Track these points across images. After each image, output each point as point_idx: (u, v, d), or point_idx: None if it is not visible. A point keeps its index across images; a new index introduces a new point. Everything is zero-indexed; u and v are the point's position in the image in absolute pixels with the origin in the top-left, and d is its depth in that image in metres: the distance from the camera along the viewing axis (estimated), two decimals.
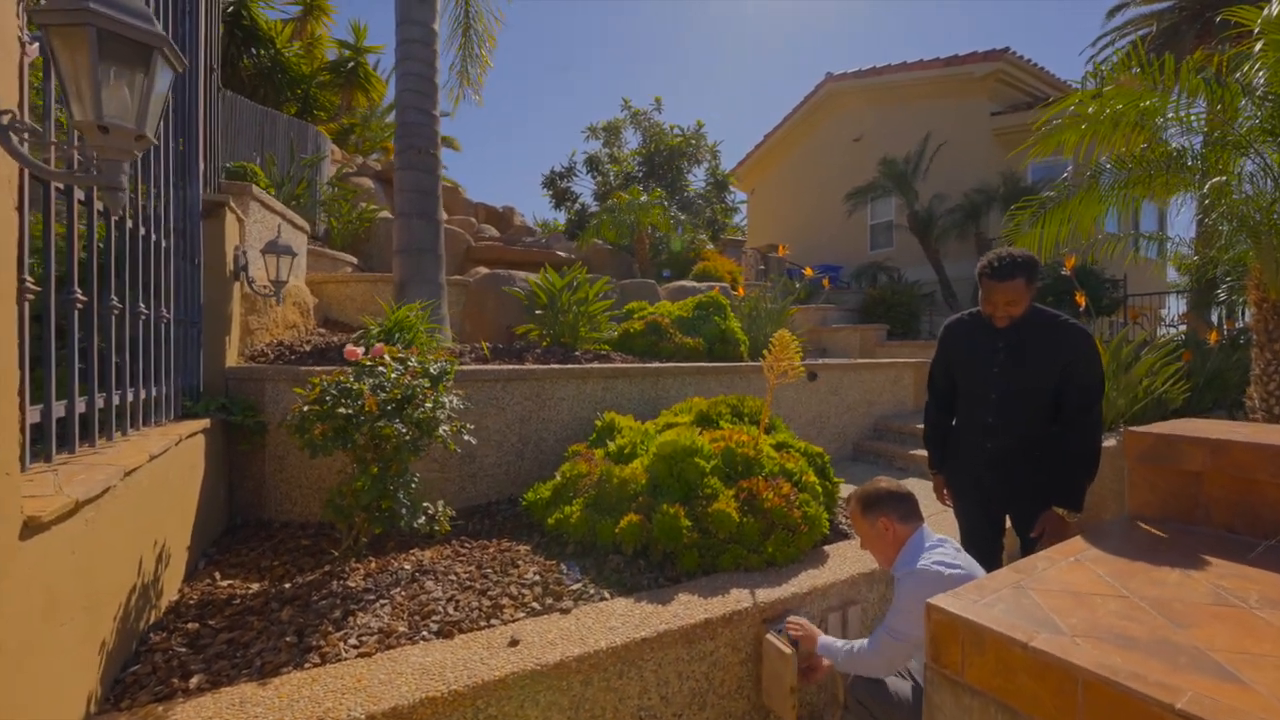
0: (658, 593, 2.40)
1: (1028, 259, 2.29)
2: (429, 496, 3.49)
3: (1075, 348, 2.24)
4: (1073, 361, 2.24)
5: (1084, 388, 2.25)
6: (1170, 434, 1.60)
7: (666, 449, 2.95)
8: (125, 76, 1.16)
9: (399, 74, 4.46)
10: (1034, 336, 2.32)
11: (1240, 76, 3.47)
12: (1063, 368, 2.25)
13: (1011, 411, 2.37)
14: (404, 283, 4.41)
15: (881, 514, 2.06)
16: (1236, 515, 1.51)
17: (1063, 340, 2.27)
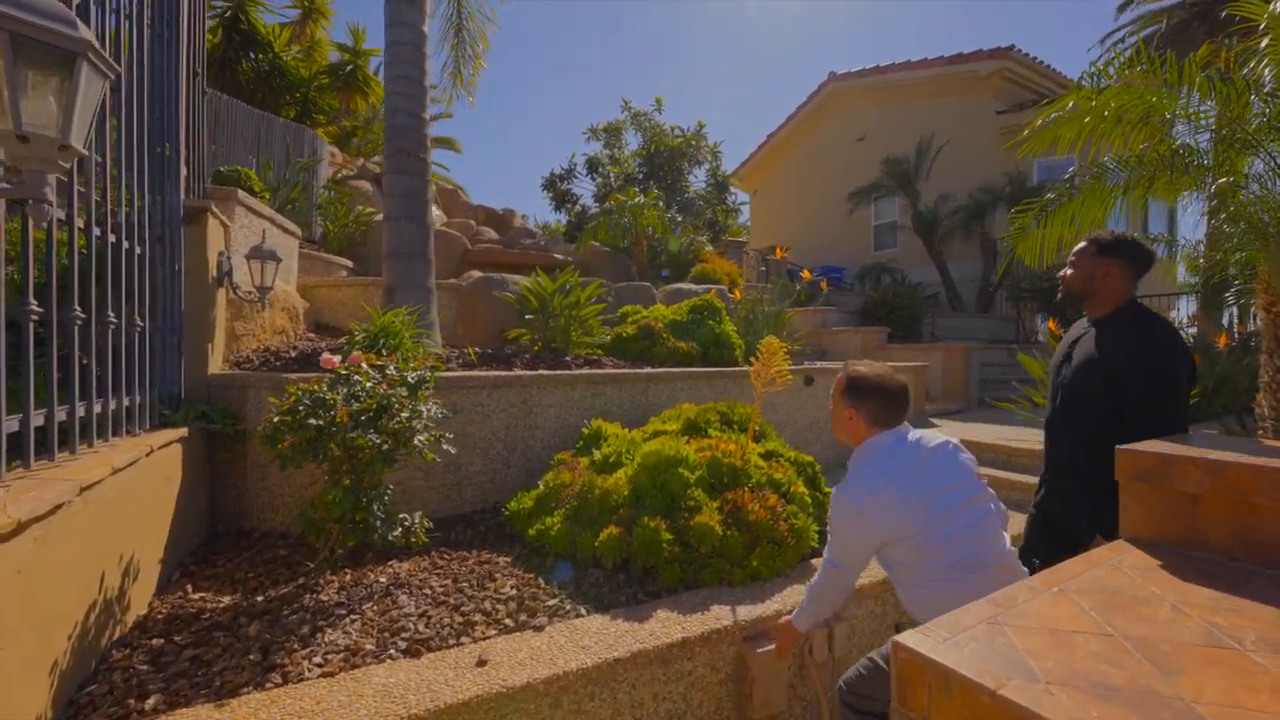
0: (636, 609, 2.33)
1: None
2: (412, 505, 3.44)
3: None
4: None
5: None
6: (1165, 452, 1.52)
7: (650, 459, 2.88)
8: (47, 84, 1.11)
9: (387, 77, 4.42)
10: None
11: (1248, 73, 3.36)
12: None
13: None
14: (392, 287, 4.37)
15: (853, 404, 1.92)
16: (1235, 541, 1.42)
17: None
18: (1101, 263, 2.06)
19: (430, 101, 4.71)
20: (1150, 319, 2.03)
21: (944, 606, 1.25)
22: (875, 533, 1.79)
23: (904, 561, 1.80)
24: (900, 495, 1.74)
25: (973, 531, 1.76)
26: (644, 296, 6.49)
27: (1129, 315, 2.03)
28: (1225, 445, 1.58)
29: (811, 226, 15.43)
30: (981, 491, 1.87)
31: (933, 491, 1.76)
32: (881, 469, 1.81)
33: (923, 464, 1.82)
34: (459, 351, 4.28)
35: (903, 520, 1.74)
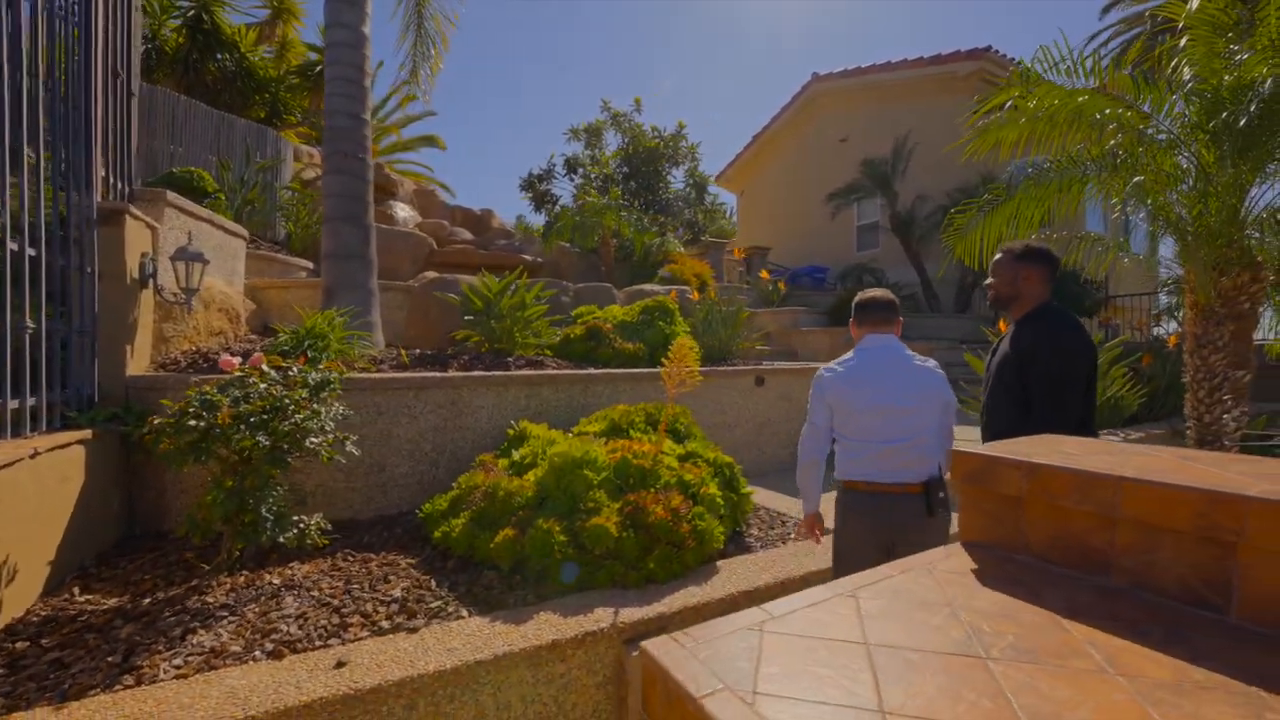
0: (519, 611, 2.32)
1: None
2: (335, 507, 3.44)
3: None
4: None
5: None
6: (991, 454, 1.50)
7: (557, 460, 2.87)
8: None
9: (327, 78, 4.42)
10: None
11: (1170, 73, 3.34)
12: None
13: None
14: (331, 288, 4.36)
15: (853, 316, 2.52)
16: (1052, 544, 1.41)
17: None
18: (1021, 268, 2.32)
19: (405, 100, 4.70)
20: (1060, 316, 2.25)
21: (851, 467, 2.23)
22: (825, 401, 2.39)
23: (838, 434, 2.39)
24: (844, 383, 2.34)
25: (884, 427, 2.25)
26: (604, 297, 6.48)
27: (1043, 313, 2.28)
28: (1054, 450, 1.56)
29: (796, 227, 15.43)
30: (920, 411, 2.28)
31: (869, 387, 2.29)
32: (846, 362, 2.41)
33: (875, 371, 2.33)
34: (394, 352, 4.27)
35: (840, 400, 2.34)
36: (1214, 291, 3.25)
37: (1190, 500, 1.15)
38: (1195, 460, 1.42)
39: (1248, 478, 1.21)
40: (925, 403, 2.29)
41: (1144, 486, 1.21)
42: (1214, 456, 1.43)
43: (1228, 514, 1.11)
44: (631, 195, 11.95)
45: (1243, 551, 1.11)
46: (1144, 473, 1.25)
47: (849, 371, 2.36)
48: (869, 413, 2.28)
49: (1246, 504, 1.08)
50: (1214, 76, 3.08)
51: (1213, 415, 3.23)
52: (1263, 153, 3.01)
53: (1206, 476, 1.24)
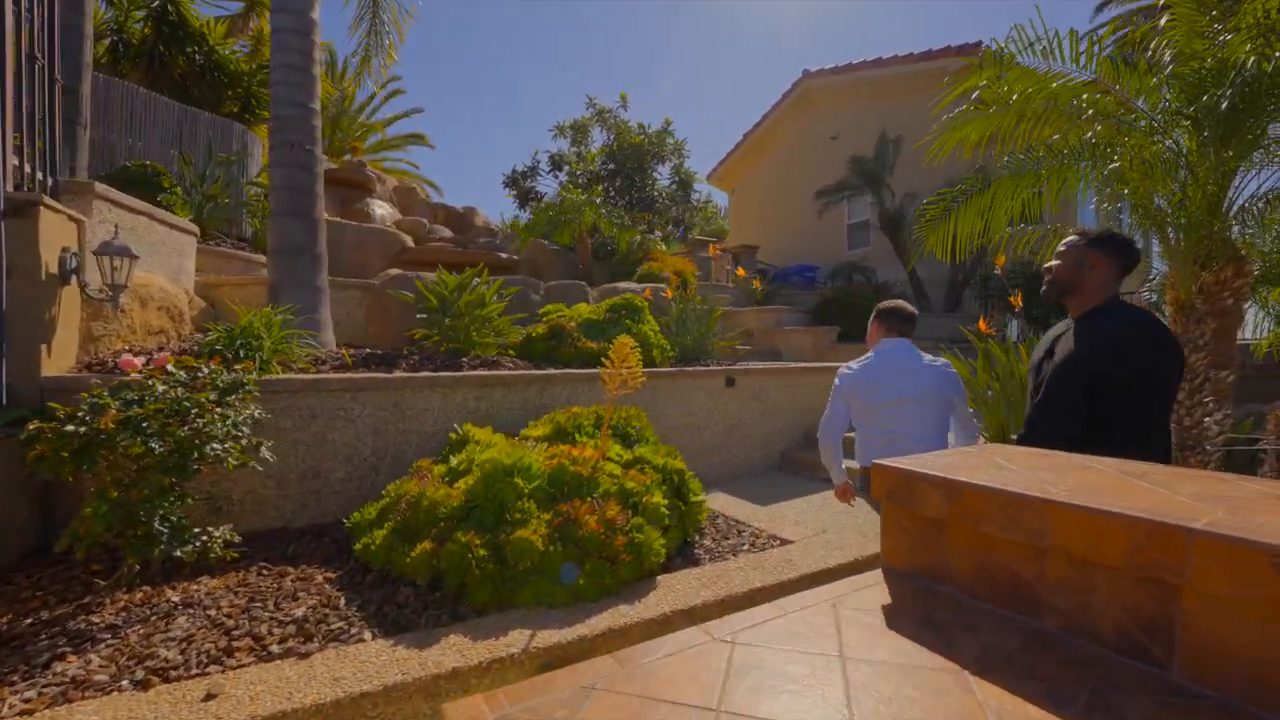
0: (428, 634, 2.12)
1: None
2: (262, 516, 3.25)
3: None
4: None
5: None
6: (910, 470, 1.30)
7: (487, 467, 2.67)
8: None
9: (272, 65, 4.23)
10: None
11: (1150, 55, 3.14)
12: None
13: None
14: (276, 286, 4.17)
15: (873, 320, 2.79)
16: (977, 576, 1.21)
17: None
18: (1090, 254, 2.01)
19: (391, 95, 4.49)
20: (1135, 314, 1.95)
21: (867, 456, 2.45)
22: (843, 396, 2.66)
23: (857, 425, 2.67)
24: (855, 384, 2.63)
25: (896, 422, 2.52)
26: (576, 295, 6.28)
27: (1110, 312, 1.97)
28: (1013, 462, 1.37)
29: (787, 226, 15.23)
30: (927, 405, 2.54)
31: (885, 386, 2.56)
32: (866, 362, 2.66)
33: (889, 370, 2.59)
34: (336, 352, 4.07)
35: (856, 396, 2.62)
36: (1195, 287, 3.06)
37: (1125, 531, 0.95)
38: (1143, 478, 1.22)
39: (1199, 503, 1.01)
40: (934, 398, 2.55)
41: (1073, 513, 1.01)
42: (1168, 473, 1.23)
43: (1168, 549, 0.91)
44: (617, 192, 11.74)
45: (1186, 596, 0.91)
46: (1076, 495, 1.05)
47: (866, 370, 2.64)
48: (882, 407, 2.56)
49: (1189, 538, 0.88)
50: (1195, 59, 2.89)
51: (1193, 418, 3.03)
52: (1246, 138, 2.82)
53: (1148, 501, 1.04)
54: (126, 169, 5.24)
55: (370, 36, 6.28)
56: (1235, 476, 1.21)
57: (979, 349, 4.58)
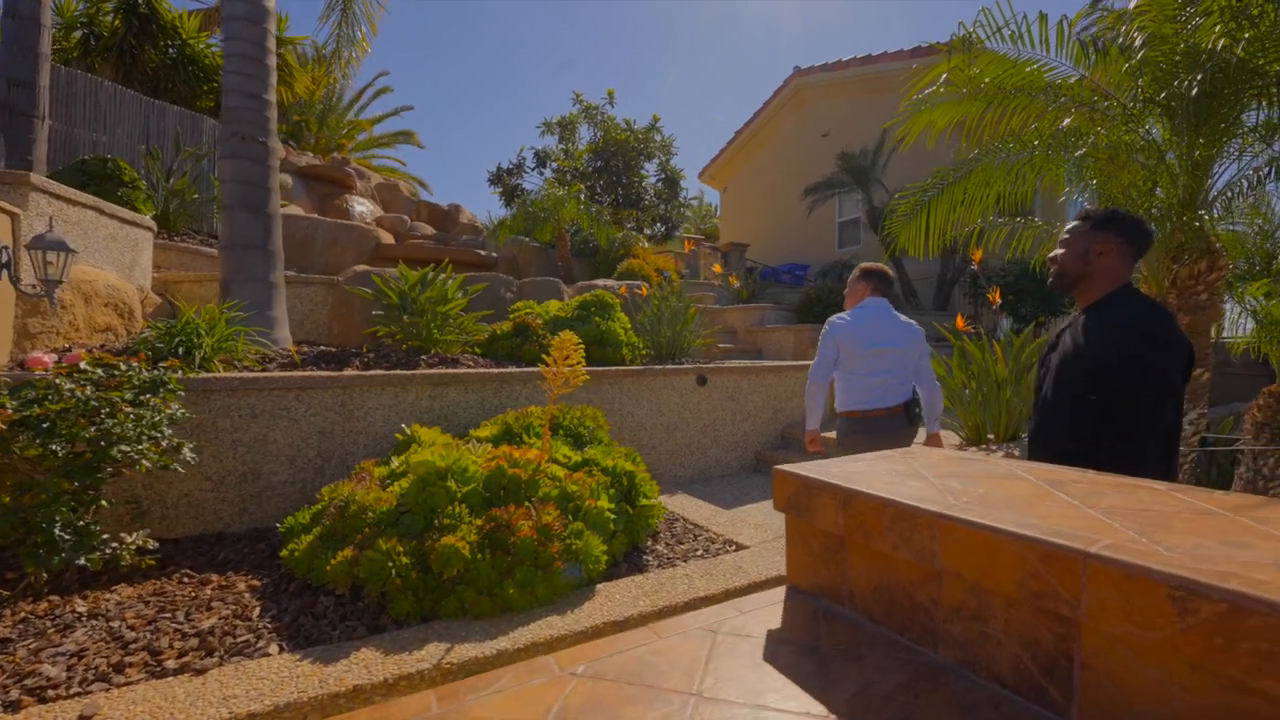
0: (336, 648, 1.99)
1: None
2: (199, 520, 3.12)
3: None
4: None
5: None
6: (808, 476, 1.17)
7: (420, 469, 2.54)
8: None
9: (224, 54, 4.10)
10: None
11: (1121, 39, 3.02)
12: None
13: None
14: (227, 282, 4.04)
15: (860, 280, 3.06)
16: (876, 598, 1.08)
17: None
18: (1097, 239, 1.84)
19: (380, 92, 4.34)
20: (1144, 306, 1.78)
21: (851, 400, 2.85)
22: (834, 341, 2.90)
23: (841, 370, 2.92)
24: (847, 332, 2.88)
25: (878, 365, 2.85)
26: (550, 292, 6.15)
27: (1123, 298, 1.81)
28: (882, 471, 1.23)
29: (778, 223, 15.11)
30: (902, 353, 2.89)
31: (869, 336, 2.85)
32: (852, 315, 2.93)
33: (874, 322, 2.89)
34: (285, 350, 3.94)
35: (847, 341, 2.87)
36: (1167, 281, 2.93)
37: (1019, 553, 0.82)
38: (1065, 487, 1.09)
39: (1112, 519, 0.87)
40: (908, 347, 2.90)
41: (965, 530, 0.88)
42: (1095, 483, 1.10)
43: (1063, 577, 0.77)
44: (604, 189, 11.62)
45: (1085, 631, 0.78)
46: (972, 509, 0.92)
47: (856, 320, 2.91)
48: (868, 354, 2.85)
49: (1084, 564, 0.75)
50: (1165, 43, 2.76)
51: None
52: (1219, 126, 2.69)
53: (1055, 516, 0.91)
54: (84, 163, 5.10)
55: (341, 28, 6.14)
56: (1176, 487, 1.08)
57: (955, 347, 4.46)
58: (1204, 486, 4.54)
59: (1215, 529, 0.80)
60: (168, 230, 6.04)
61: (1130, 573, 0.68)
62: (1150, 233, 1.86)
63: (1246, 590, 0.60)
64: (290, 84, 9.48)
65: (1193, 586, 0.63)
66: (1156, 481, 1.09)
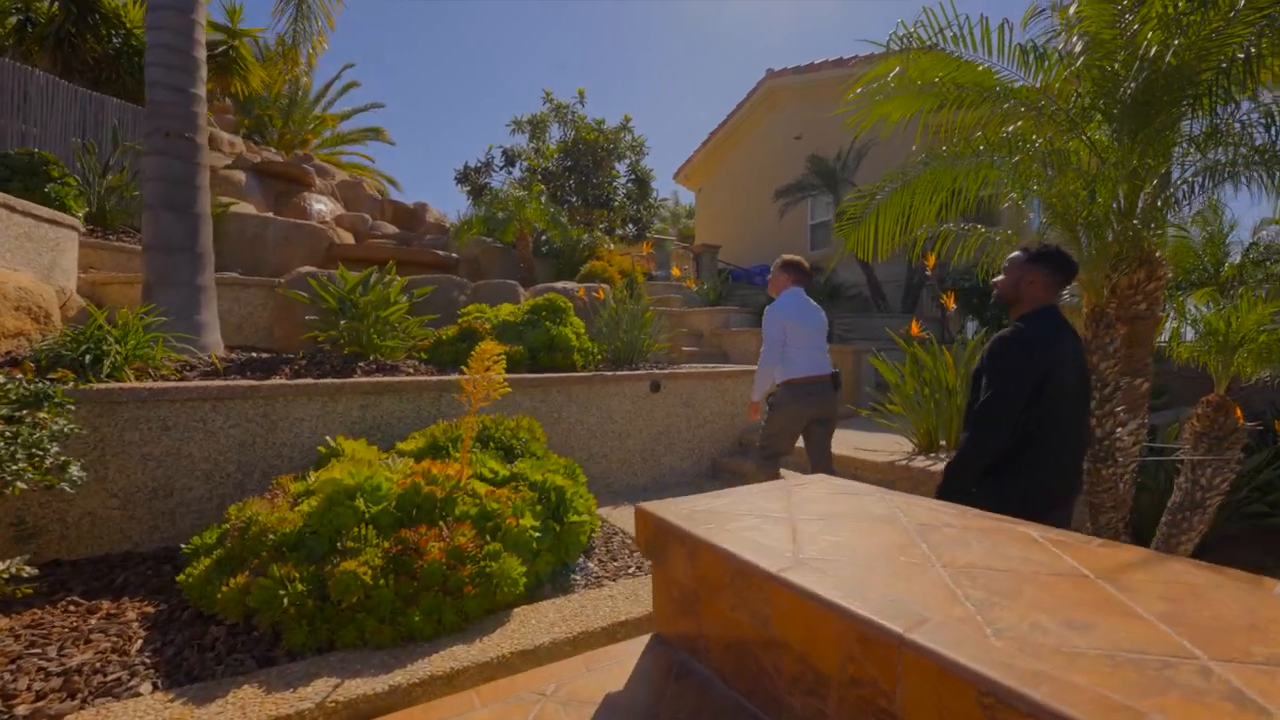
0: (219, 684, 1.85)
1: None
2: (104, 540, 2.94)
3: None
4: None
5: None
6: (662, 519, 1.07)
7: (328, 488, 2.40)
8: None
9: (148, 44, 3.88)
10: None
11: (1062, 44, 2.97)
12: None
13: None
14: (150, 285, 3.84)
15: (783, 272, 3.69)
16: (726, 657, 0.98)
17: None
18: (1029, 271, 2.20)
19: (348, 86, 4.12)
20: (1039, 322, 2.12)
21: (797, 369, 3.47)
22: (782, 323, 3.47)
23: (787, 344, 3.48)
24: (791, 314, 3.51)
25: (814, 342, 3.53)
26: (506, 295, 6.01)
27: (1027, 319, 2.16)
28: (807, 498, 1.14)
29: (752, 225, 15.09)
30: (824, 331, 3.63)
31: (806, 317, 3.53)
32: (789, 300, 3.58)
33: (805, 306, 3.58)
34: (207, 358, 3.75)
35: (791, 321, 3.48)
36: (1107, 290, 2.90)
37: (840, 631, 0.72)
38: (932, 532, 1.00)
39: (959, 584, 0.78)
40: (824, 326, 3.62)
41: (790, 596, 0.78)
42: (965, 527, 1.01)
43: (881, 664, 0.67)
44: (575, 189, 11.47)
45: None
46: (805, 570, 0.82)
47: (794, 305, 3.55)
48: (807, 330, 3.51)
49: (899, 651, 0.66)
50: (1103, 48, 2.72)
51: (1104, 429, 2.88)
52: (1157, 133, 2.65)
53: (899, 577, 0.82)
54: (6, 156, 4.83)
55: (297, 22, 5.92)
56: (1055, 536, 0.99)
57: (906, 353, 4.42)
58: (1154, 491, 4.47)
59: (1066, 599, 0.71)
60: (103, 229, 5.77)
61: (943, 667, 0.59)
62: (1074, 264, 2.20)
63: (1051, 704, 0.51)
64: (245, 77, 9.18)
65: (1001, 693, 0.54)
66: (1034, 527, 1.00)
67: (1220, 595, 0.71)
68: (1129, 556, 0.87)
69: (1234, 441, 3.10)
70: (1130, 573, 0.79)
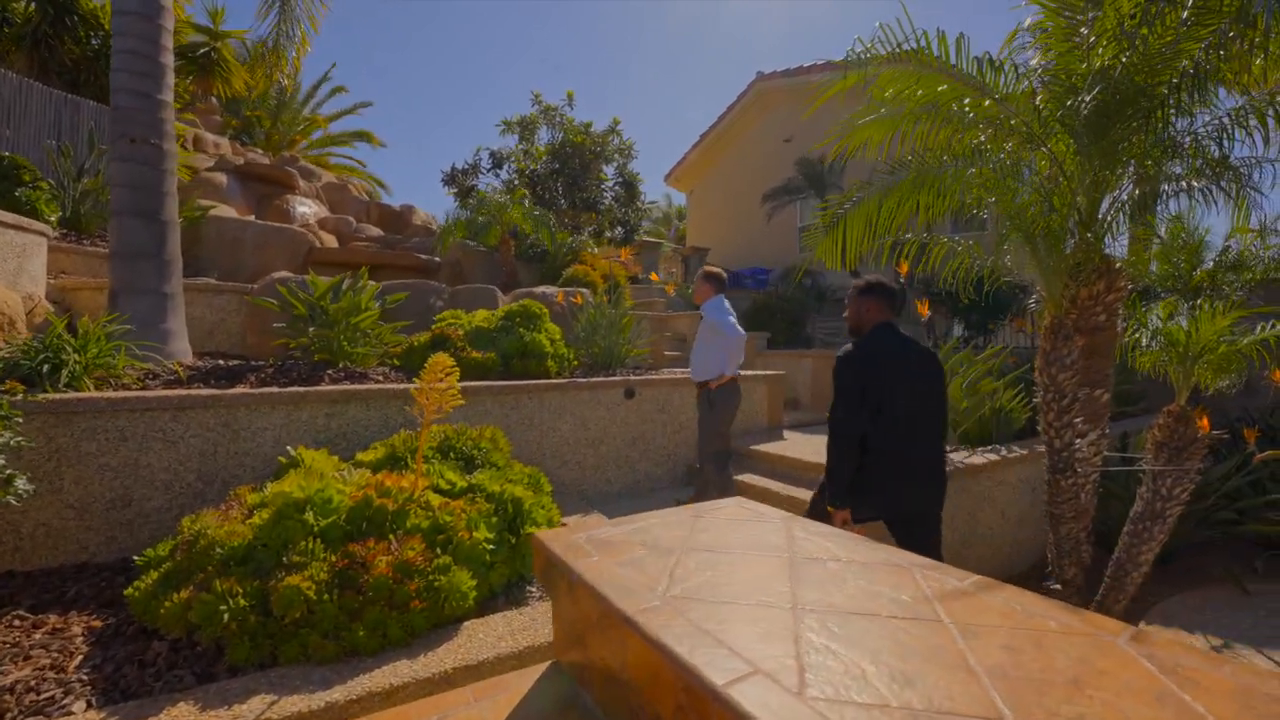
0: (153, 702, 1.84)
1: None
2: (60, 550, 2.92)
3: None
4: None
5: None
6: (549, 549, 1.07)
7: (277, 501, 2.39)
8: None
9: (113, 50, 3.86)
10: None
11: (1026, 59, 2.98)
12: None
13: None
14: (116, 292, 3.82)
15: (706, 282, 4.29)
16: (607, 692, 0.97)
17: None
18: (865, 301, 2.74)
19: (335, 90, 4.08)
20: (874, 337, 2.64)
21: (732, 370, 4.20)
22: (727, 331, 4.06)
23: (725, 351, 4.10)
24: (729, 317, 4.16)
25: (740, 344, 4.19)
26: (484, 300, 6.00)
27: (867, 334, 2.68)
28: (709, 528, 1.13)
29: (741, 227, 15.10)
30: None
31: (735, 325, 4.18)
32: (721, 308, 4.19)
33: (730, 313, 4.23)
34: (170, 367, 3.73)
35: (729, 331, 4.09)
36: (1067, 301, 2.91)
37: (672, 677, 0.72)
38: (808, 567, 1.00)
39: (807, 627, 0.78)
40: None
41: (639, 641, 0.78)
42: (847, 562, 1.01)
43: (701, 715, 0.68)
44: (563, 191, 11.45)
45: None
46: (661, 609, 0.82)
47: (727, 312, 4.19)
48: (738, 338, 4.12)
49: (713, 705, 0.66)
50: (1061, 60, 2.73)
51: (1063, 440, 2.89)
52: (1115, 146, 2.66)
53: (750, 620, 0.81)
54: None
55: (280, 25, 5.89)
56: (928, 569, 0.99)
57: None
58: (1124, 500, 4.45)
59: (908, 647, 0.71)
60: (78, 233, 5.74)
61: None
62: (896, 292, 2.80)
63: None
64: (227, 79, 9.13)
65: None
66: (922, 566, 1.00)
67: (1063, 643, 0.71)
68: (995, 599, 0.87)
69: (1194, 451, 3.11)
70: (987, 616, 0.79)
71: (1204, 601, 3.76)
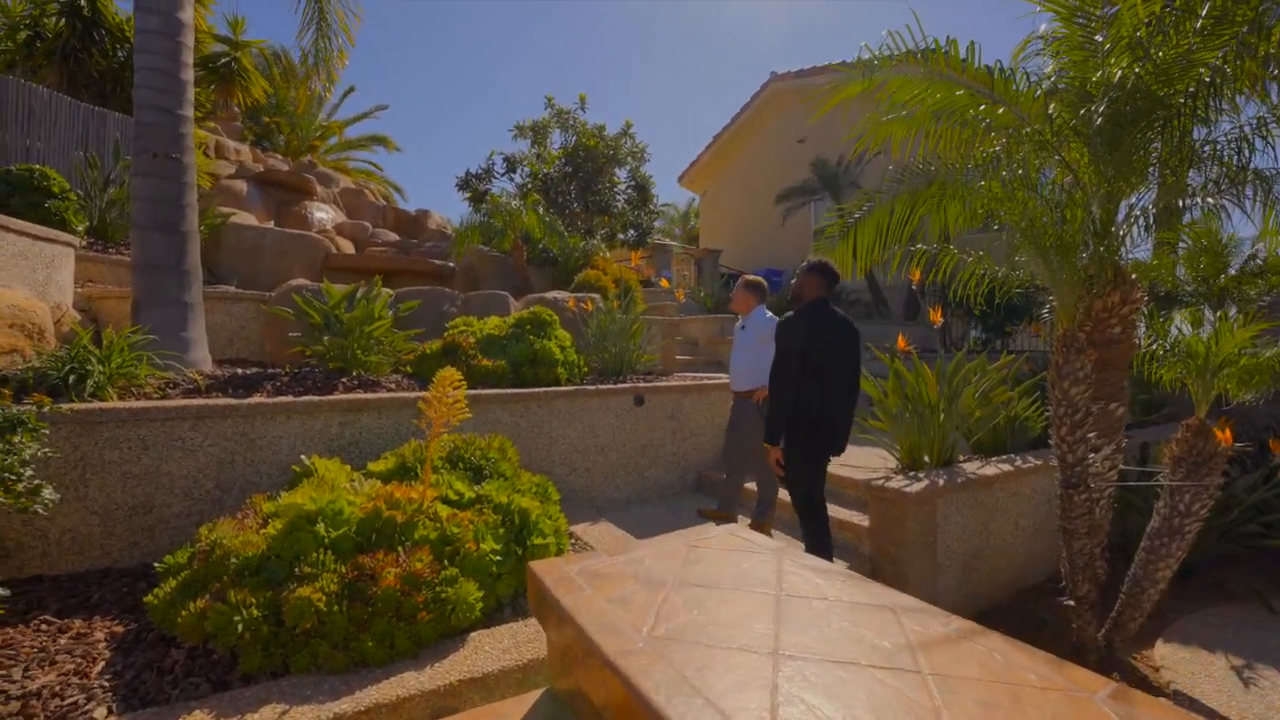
0: (169, 709, 1.90)
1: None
2: (85, 556, 3.02)
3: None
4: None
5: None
6: (542, 580, 1.09)
7: (290, 512, 2.45)
8: None
9: (136, 67, 3.98)
10: None
11: (1036, 65, 2.94)
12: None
13: None
14: (138, 303, 3.94)
15: (749, 293, 4.25)
16: None
17: None
18: (809, 278, 3.36)
19: (347, 92, 4.20)
20: (810, 308, 3.26)
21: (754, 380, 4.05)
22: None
23: (763, 354, 3.77)
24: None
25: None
26: (497, 306, 6.05)
27: (807, 305, 3.30)
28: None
29: (755, 229, 15.05)
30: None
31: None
32: (769, 317, 4.14)
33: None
34: (189, 376, 3.83)
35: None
36: (1079, 313, 2.86)
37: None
38: (794, 604, 1.01)
39: (784, 669, 0.79)
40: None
41: (618, 684, 0.80)
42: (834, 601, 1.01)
43: None
44: (576, 194, 11.50)
45: None
46: (638, 655, 0.83)
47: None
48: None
49: None
50: (1076, 69, 2.69)
51: (1075, 455, 2.84)
52: (1129, 156, 2.61)
53: (727, 666, 0.83)
54: (8, 173, 4.97)
55: (318, 41, 6.03)
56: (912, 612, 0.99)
57: (890, 368, 4.39)
58: (1143, 512, 4.36)
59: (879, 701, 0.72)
60: (104, 242, 5.91)
61: None
62: (836, 272, 3.37)
63: None
64: (247, 88, 9.33)
65: None
66: (895, 601, 1.00)
67: (1040, 700, 0.71)
68: (977, 648, 0.87)
69: (1214, 466, 3.04)
70: (966, 666, 0.79)
71: (1225, 619, 3.67)
